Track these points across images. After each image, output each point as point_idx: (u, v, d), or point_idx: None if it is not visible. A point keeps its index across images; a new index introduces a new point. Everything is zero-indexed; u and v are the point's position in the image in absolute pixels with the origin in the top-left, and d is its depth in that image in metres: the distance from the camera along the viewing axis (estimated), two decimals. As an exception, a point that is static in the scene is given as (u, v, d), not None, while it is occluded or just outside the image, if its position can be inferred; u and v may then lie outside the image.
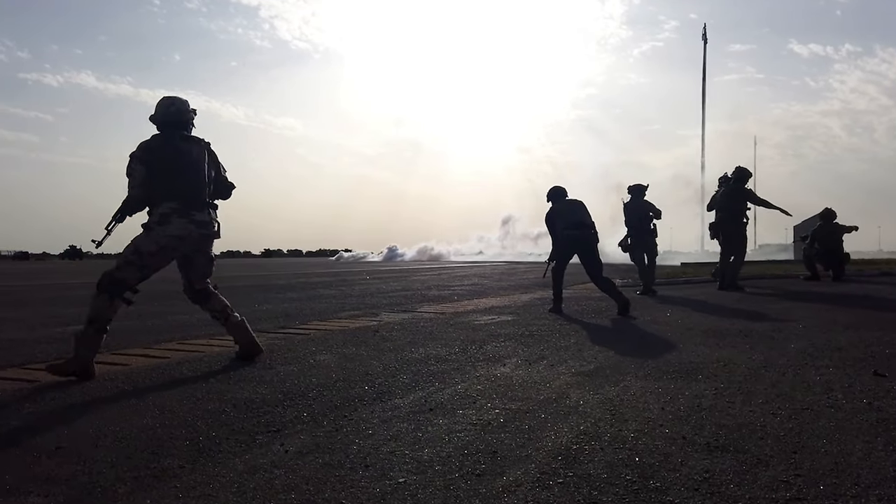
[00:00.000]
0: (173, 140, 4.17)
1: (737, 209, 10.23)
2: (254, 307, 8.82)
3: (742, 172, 10.37)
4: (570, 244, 7.59)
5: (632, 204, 10.14)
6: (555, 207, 7.81)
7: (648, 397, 2.99)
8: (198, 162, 4.25)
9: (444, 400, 3.07)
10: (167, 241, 4.11)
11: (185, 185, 4.14)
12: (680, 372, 3.62)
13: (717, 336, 5.09)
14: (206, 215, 4.29)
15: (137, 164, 4.06)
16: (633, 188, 10.23)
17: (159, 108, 4.26)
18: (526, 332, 5.73)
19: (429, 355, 4.51)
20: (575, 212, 7.71)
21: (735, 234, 10.29)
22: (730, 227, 10.27)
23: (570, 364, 4.02)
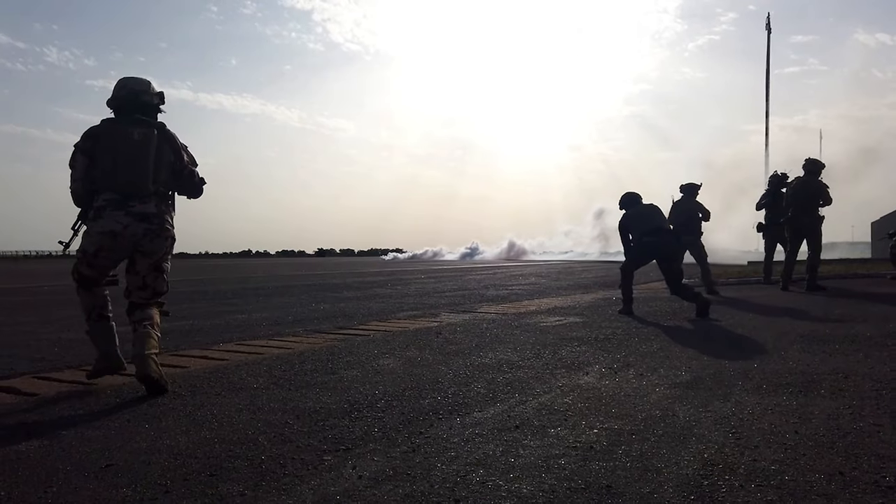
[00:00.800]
0: (118, 124, 3.59)
1: (811, 203, 9.57)
2: (311, 306, 8.65)
3: (814, 164, 9.71)
4: (650, 251, 7.21)
5: (682, 203, 9.69)
6: (629, 213, 7.45)
7: (772, 417, 2.56)
8: (140, 145, 3.56)
9: (530, 415, 2.72)
10: (100, 240, 3.48)
11: (124, 173, 3.50)
12: (795, 385, 3.16)
13: (818, 342, 4.57)
14: (152, 206, 3.57)
15: (79, 154, 3.54)
16: (686, 187, 9.78)
17: (113, 91, 3.70)
18: (600, 335, 5.31)
19: (500, 361, 4.16)
20: (653, 217, 7.33)
21: (810, 230, 9.60)
22: (804, 221, 9.60)
23: (661, 373, 3.60)
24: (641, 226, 7.24)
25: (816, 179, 9.65)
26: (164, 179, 3.69)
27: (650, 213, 7.40)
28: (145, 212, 3.53)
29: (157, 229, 3.59)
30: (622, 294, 7.36)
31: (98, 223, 3.46)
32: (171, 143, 3.73)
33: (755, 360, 3.87)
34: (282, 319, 7.07)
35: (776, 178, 11.11)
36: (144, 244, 3.57)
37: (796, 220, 9.67)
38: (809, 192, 9.55)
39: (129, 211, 3.48)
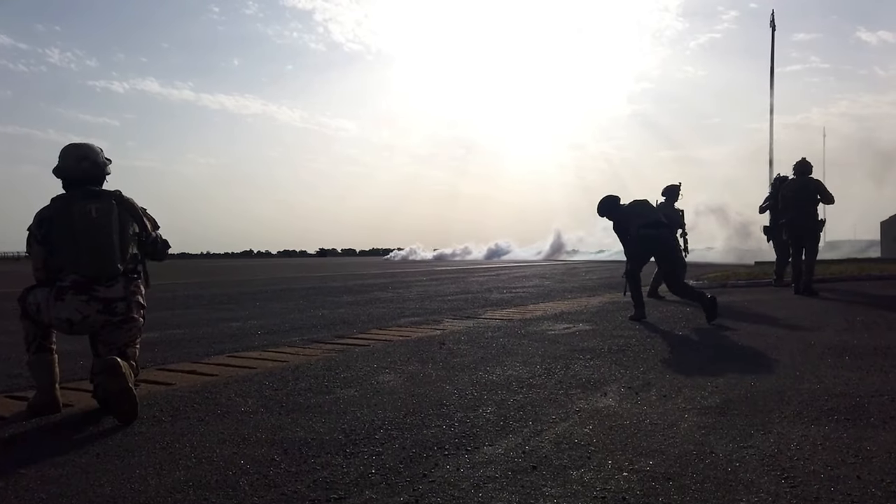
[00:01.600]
0: (71, 201, 3.26)
1: (809, 205, 9.33)
2: (309, 312, 8.35)
3: (806, 166, 9.50)
4: (649, 244, 6.95)
5: (664, 208, 9.38)
6: (623, 210, 7.19)
7: (824, 455, 2.25)
8: (101, 224, 3.26)
9: (548, 450, 2.40)
10: (56, 322, 3.20)
11: (88, 258, 3.20)
12: (840, 411, 2.85)
13: (850, 356, 4.25)
14: (120, 289, 3.28)
15: (34, 243, 3.25)
16: (667, 190, 9.56)
17: (64, 159, 3.35)
18: (614, 346, 5.01)
19: (509, 377, 3.85)
20: (651, 210, 7.13)
21: (809, 233, 9.36)
22: (804, 224, 9.34)
23: (687, 394, 3.29)
24: (638, 219, 6.95)
25: (813, 179, 9.45)
26: (132, 255, 3.41)
27: (647, 206, 7.18)
28: (111, 297, 3.25)
29: (119, 321, 3.28)
30: (633, 299, 7.03)
31: (57, 306, 3.16)
32: (132, 211, 3.45)
33: (787, 379, 3.55)
34: (278, 327, 6.77)
35: (779, 180, 10.98)
36: (104, 335, 3.28)
37: (795, 222, 9.43)
38: (809, 192, 9.32)
39: (94, 296, 3.20)
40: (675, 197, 9.55)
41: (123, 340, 3.34)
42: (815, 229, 9.42)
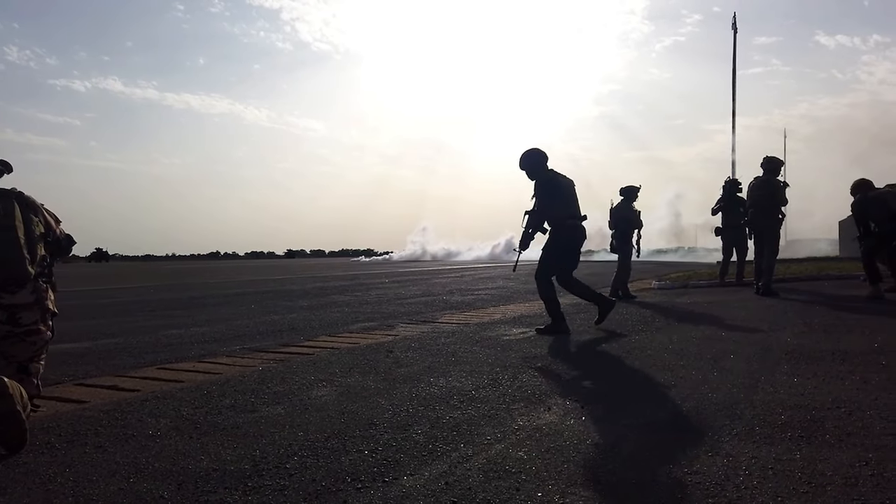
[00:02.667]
0: None
1: (770, 204, 9.24)
2: (259, 318, 7.99)
3: (772, 163, 9.32)
4: (574, 240, 5.96)
5: (621, 207, 9.46)
6: (558, 179, 5.89)
7: (775, 483, 2.03)
8: (5, 226, 3.01)
9: (475, 481, 2.15)
10: None
11: None
12: (794, 426, 2.65)
13: (806, 361, 4.10)
14: (27, 294, 3.02)
15: None
16: (625, 190, 9.52)
17: None
18: (567, 352, 4.79)
19: (451, 390, 3.60)
20: (575, 199, 6.03)
21: (769, 232, 9.26)
22: (763, 224, 9.28)
23: (634, 408, 3.08)
24: (568, 206, 5.87)
25: (775, 178, 9.36)
26: (40, 257, 3.11)
27: (573, 192, 6.04)
28: (16, 304, 2.96)
29: (22, 332, 2.99)
30: (548, 308, 5.92)
31: None
32: (34, 209, 3.16)
33: (741, 390, 3.36)
34: (221, 335, 6.42)
35: (729, 183, 11.20)
36: (4, 348, 2.97)
37: (755, 220, 9.39)
38: (768, 191, 9.22)
39: None
40: (633, 197, 9.52)
41: (27, 355, 3.02)
42: (774, 228, 9.32)
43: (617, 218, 9.45)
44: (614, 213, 9.48)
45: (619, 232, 9.45)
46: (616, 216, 9.46)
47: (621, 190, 9.53)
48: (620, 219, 9.43)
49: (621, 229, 9.43)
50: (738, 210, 10.85)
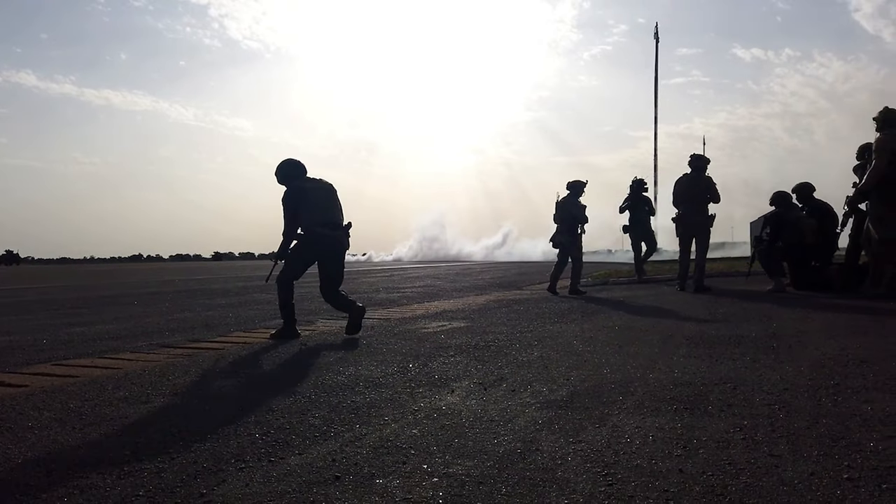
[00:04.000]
0: None
1: (701, 200, 9.32)
2: (172, 316, 7.69)
3: (700, 160, 9.42)
4: (322, 249, 5.64)
5: (567, 202, 9.50)
6: (304, 187, 5.66)
7: (653, 448, 2.10)
8: None
9: (362, 457, 2.12)
10: None
11: None
12: (681, 400, 2.75)
13: (705, 345, 4.27)
14: None
15: None
16: (572, 184, 9.58)
17: None
18: (481, 342, 4.83)
19: (358, 377, 3.56)
20: (331, 205, 5.77)
21: (700, 229, 9.40)
22: (694, 219, 9.38)
23: (535, 388, 3.12)
24: (318, 214, 5.60)
25: (704, 175, 9.40)
26: None
27: (330, 198, 5.78)
28: None
29: None
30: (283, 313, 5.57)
31: None
32: None
33: (638, 370, 3.47)
34: (128, 332, 6.13)
35: (636, 182, 11.63)
36: None
37: (686, 217, 9.43)
38: (701, 188, 9.27)
39: None
40: (580, 192, 9.53)
41: None
42: (705, 224, 9.38)
43: (563, 212, 9.45)
44: (560, 207, 9.48)
45: (565, 226, 9.46)
46: (562, 210, 9.46)
47: (568, 184, 9.56)
48: (567, 213, 9.45)
49: (567, 223, 9.45)
50: (643, 208, 11.25)
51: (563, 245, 9.56)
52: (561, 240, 9.55)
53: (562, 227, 9.51)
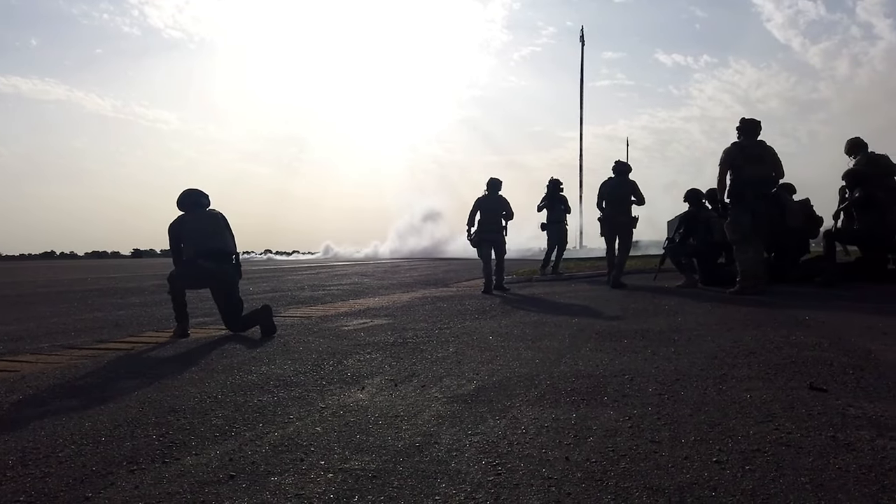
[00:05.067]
0: None
1: (627, 202, 9.80)
2: (80, 315, 7.35)
3: (624, 165, 9.95)
4: (208, 283, 5.71)
5: (487, 198, 9.65)
6: (183, 219, 5.70)
7: (545, 438, 2.18)
8: None
9: (260, 456, 2.11)
10: None
11: None
12: (580, 392, 2.87)
13: (612, 339, 4.45)
14: None
15: None
16: (491, 182, 9.75)
17: None
18: (399, 339, 4.86)
19: (269, 376, 3.52)
20: (213, 233, 5.72)
21: (624, 229, 9.88)
22: (620, 220, 9.86)
23: (445, 383, 3.18)
24: (196, 242, 5.62)
25: (629, 179, 9.93)
26: None
27: (213, 226, 5.77)
28: None
29: None
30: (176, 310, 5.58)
31: None
32: None
33: (546, 364, 3.59)
34: (31, 333, 5.83)
35: (552, 182, 12.09)
36: None
37: (612, 218, 9.87)
38: (628, 190, 9.75)
39: None
40: (498, 189, 9.69)
41: None
42: (629, 225, 9.83)
43: (485, 210, 9.56)
44: (482, 204, 9.58)
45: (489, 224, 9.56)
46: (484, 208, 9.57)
47: (489, 182, 9.72)
48: (488, 210, 9.55)
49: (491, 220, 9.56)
50: (559, 207, 11.69)
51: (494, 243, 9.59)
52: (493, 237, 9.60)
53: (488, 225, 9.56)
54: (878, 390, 2.60)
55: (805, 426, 2.16)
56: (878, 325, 4.44)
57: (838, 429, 2.12)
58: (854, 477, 1.70)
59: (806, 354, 3.46)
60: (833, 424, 2.17)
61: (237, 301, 5.79)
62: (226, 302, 5.71)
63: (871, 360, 3.24)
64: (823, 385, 2.71)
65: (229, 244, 5.89)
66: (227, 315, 5.71)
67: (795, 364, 3.22)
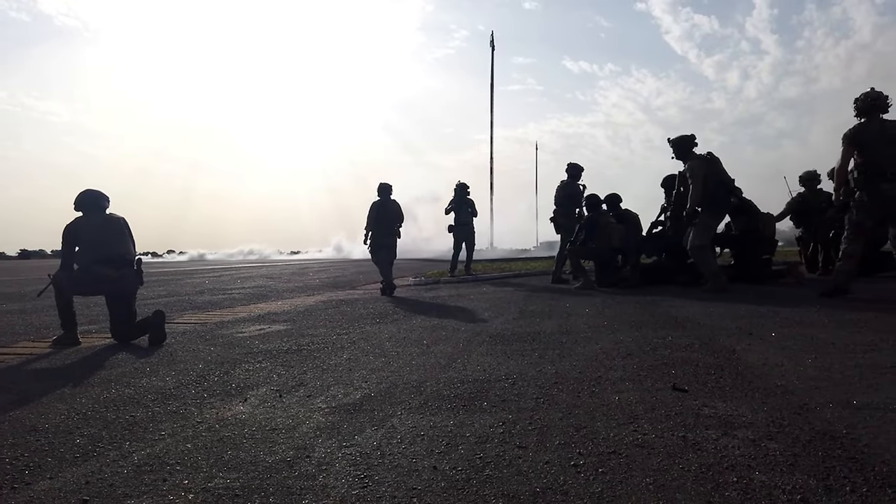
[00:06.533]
0: None
1: (567, 203, 10.70)
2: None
3: (575, 168, 10.88)
4: (99, 284, 5.44)
5: (381, 203, 9.89)
6: (77, 223, 5.43)
7: (419, 447, 2.21)
8: None
9: (120, 478, 2.02)
10: None
11: None
12: (463, 397, 2.92)
13: (504, 342, 4.57)
14: None
15: None
16: (382, 187, 10.00)
17: None
18: (294, 346, 4.77)
19: (148, 389, 3.37)
20: (112, 240, 5.50)
21: (564, 230, 10.69)
22: (559, 221, 10.76)
23: (332, 392, 3.16)
24: (93, 249, 5.39)
25: (576, 183, 10.79)
26: None
27: (110, 231, 5.54)
28: None
29: None
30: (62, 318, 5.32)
31: None
32: None
33: (436, 369, 3.63)
34: None
35: (460, 186, 12.54)
36: None
37: (556, 219, 10.81)
38: (567, 193, 10.67)
39: None
40: (389, 193, 9.98)
41: None
42: (568, 226, 10.61)
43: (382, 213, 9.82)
44: (378, 208, 9.82)
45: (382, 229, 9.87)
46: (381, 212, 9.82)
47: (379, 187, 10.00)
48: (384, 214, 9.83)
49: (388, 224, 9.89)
50: (466, 210, 12.19)
51: (386, 248, 9.88)
52: (387, 242, 9.91)
53: (384, 230, 9.83)
54: (733, 390, 2.81)
55: (661, 427, 2.30)
56: (746, 326, 4.78)
57: (690, 429, 2.27)
58: (694, 476, 1.83)
59: (677, 356, 3.68)
60: (686, 425, 2.32)
61: (133, 310, 5.58)
62: (121, 311, 5.47)
63: (732, 360, 3.48)
64: (685, 386, 2.89)
65: (130, 250, 5.66)
66: (118, 324, 5.46)
67: (666, 365, 3.41)
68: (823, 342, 3.90)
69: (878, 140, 6.26)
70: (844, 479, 1.76)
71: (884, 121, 6.34)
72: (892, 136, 6.23)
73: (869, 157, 6.29)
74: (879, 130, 6.28)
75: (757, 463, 1.90)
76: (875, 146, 6.26)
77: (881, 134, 6.25)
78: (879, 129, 6.28)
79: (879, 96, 6.37)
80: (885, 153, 6.20)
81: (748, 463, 1.90)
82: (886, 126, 6.28)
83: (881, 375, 2.97)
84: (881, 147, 6.23)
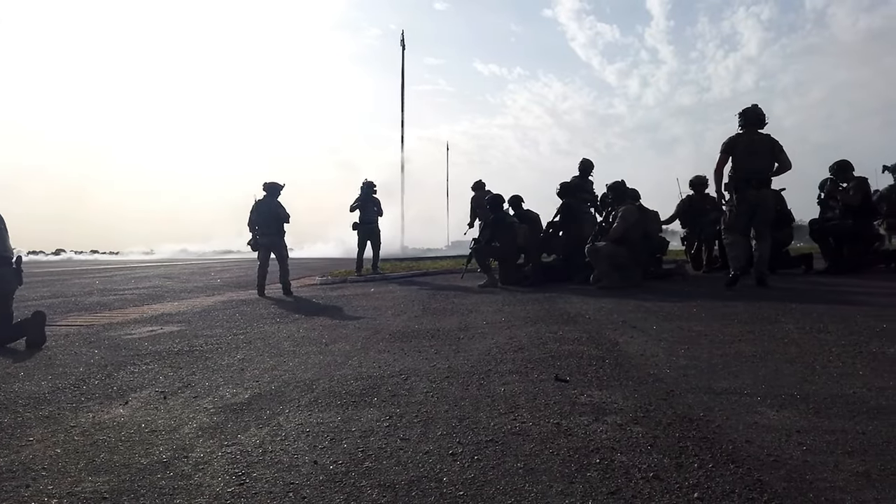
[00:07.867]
0: None
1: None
2: None
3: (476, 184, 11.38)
4: None
5: (265, 202, 9.84)
6: None
7: (303, 443, 2.21)
8: None
9: (-23, 486, 1.90)
10: None
11: None
12: (354, 394, 2.94)
13: (403, 339, 4.61)
14: None
15: None
16: (269, 186, 9.95)
17: None
18: (186, 347, 4.62)
19: (20, 395, 3.17)
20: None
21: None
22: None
23: (220, 392, 3.09)
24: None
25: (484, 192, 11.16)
26: None
27: None
28: None
29: None
30: None
31: None
32: None
33: (331, 367, 3.62)
34: None
35: (366, 184, 12.60)
36: None
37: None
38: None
39: None
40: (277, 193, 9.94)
41: None
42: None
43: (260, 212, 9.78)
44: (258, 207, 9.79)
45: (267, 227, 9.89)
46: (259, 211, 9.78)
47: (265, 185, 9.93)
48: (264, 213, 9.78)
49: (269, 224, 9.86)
50: (372, 209, 12.27)
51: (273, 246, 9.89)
52: (272, 241, 9.88)
53: (266, 228, 9.77)
54: (610, 379, 2.98)
55: (538, 415, 2.41)
56: (631, 320, 5.06)
57: (565, 416, 2.39)
58: (562, 460, 1.93)
59: (565, 349, 3.85)
60: (562, 412, 2.44)
61: (10, 311, 5.26)
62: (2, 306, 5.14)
63: (614, 351, 3.69)
64: (567, 376, 3.04)
65: (7, 247, 5.33)
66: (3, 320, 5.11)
67: (553, 358, 3.57)
68: (697, 334, 4.19)
69: (746, 150, 7.10)
70: (695, 456, 1.92)
71: (754, 133, 7.15)
72: (756, 147, 7.12)
73: (737, 165, 7.15)
74: (748, 142, 7.13)
75: (620, 445, 2.04)
76: (742, 156, 7.10)
77: (749, 145, 7.10)
78: (749, 140, 7.13)
79: (756, 111, 7.22)
80: (748, 162, 7.06)
81: (612, 445, 2.04)
82: (755, 139, 7.16)
83: (742, 364, 3.24)
84: (746, 157, 7.08)
